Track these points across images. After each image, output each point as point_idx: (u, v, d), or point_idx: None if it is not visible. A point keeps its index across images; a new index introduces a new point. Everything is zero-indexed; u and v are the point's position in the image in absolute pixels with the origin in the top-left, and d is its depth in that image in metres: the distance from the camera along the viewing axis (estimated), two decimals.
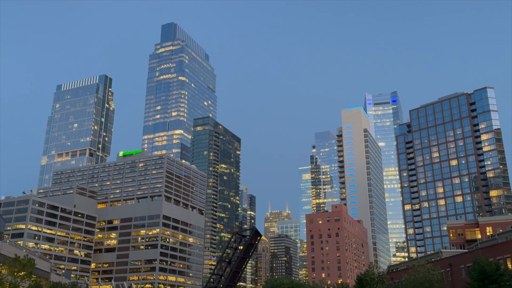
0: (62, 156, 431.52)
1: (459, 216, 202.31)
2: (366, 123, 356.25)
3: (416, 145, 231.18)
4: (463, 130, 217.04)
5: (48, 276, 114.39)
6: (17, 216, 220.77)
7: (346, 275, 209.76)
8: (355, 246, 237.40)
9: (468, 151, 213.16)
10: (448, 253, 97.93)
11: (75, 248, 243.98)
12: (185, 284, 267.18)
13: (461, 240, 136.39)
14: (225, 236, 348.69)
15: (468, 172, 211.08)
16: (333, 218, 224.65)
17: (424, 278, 61.57)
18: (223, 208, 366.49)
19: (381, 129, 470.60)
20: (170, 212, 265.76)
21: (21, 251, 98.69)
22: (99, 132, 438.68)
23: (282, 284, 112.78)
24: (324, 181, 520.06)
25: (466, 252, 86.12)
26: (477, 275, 52.80)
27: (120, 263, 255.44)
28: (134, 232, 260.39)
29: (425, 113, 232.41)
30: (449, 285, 73.34)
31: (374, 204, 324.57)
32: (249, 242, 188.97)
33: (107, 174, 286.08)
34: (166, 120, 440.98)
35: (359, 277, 79.16)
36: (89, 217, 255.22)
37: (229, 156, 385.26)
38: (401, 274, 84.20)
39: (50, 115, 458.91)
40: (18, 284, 72.94)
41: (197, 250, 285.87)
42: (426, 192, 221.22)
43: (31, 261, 78.52)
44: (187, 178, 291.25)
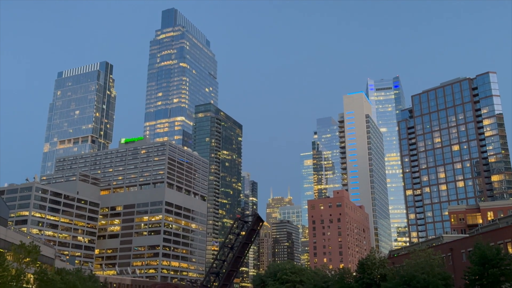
0: (64, 143, 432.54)
1: (461, 201, 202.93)
2: (368, 109, 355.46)
3: (418, 130, 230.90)
4: (465, 115, 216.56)
5: (53, 262, 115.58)
6: (20, 203, 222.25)
7: (348, 260, 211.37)
8: (356, 231, 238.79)
9: (470, 136, 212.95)
10: (449, 238, 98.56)
11: (79, 234, 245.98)
12: (188, 270, 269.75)
13: (462, 225, 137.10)
14: (227, 222, 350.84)
15: (469, 157, 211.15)
16: (334, 204, 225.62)
17: (425, 263, 62.06)
18: (225, 194, 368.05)
19: (383, 115, 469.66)
20: (173, 199, 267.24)
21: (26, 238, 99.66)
22: (101, 119, 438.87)
23: (284, 269, 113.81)
24: (325, 167, 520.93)
25: (467, 236, 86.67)
26: (477, 260, 53.23)
27: (124, 249, 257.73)
28: (137, 219, 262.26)
29: (427, 98, 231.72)
30: (450, 269, 73.98)
31: (375, 189, 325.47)
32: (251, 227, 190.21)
33: (109, 161, 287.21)
34: (167, 106, 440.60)
35: (360, 262, 79.85)
36: (92, 204, 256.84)
37: (230, 142, 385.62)
38: (402, 258, 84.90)
39: (51, 102, 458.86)
40: (24, 270, 73.79)
41: (199, 236, 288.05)
42: (428, 177, 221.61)
43: (36, 247, 79.32)
44: (189, 164, 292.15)
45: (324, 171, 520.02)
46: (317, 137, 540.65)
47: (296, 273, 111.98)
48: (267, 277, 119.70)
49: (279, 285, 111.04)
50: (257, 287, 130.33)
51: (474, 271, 53.48)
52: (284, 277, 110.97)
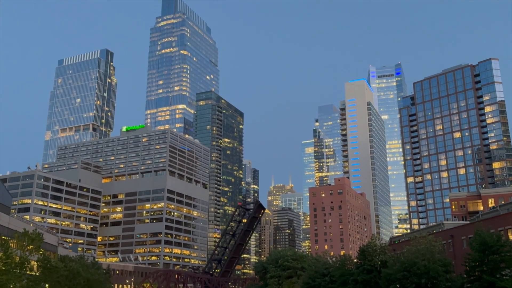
0: (65, 131, 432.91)
1: (462, 188, 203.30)
2: (370, 96, 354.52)
3: (420, 117, 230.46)
4: (467, 102, 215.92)
5: (56, 249, 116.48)
6: (23, 191, 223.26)
7: (349, 247, 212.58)
8: (357, 219, 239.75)
9: (471, 123, 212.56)
10: (450, 225, 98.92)
11: (81, 222, 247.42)
12: (190, 256, 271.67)
13: (463, 212, 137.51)
14: (229, 210, 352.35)
15: (471, 144, 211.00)
16: (336, 191, 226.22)
17: (426, 250, 62.35)
18: (227, 182, 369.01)
19: (384, 102, 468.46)
20: (174, 186, 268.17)
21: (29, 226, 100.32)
22: (102, 107, 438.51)
23: (286, 256, 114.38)
24: (327, 155, 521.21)
25: (468, 223, 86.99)
26: (478, 246, 53.46)
27: (126, 236, 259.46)
28: (139, 206, 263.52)
29: (429, 85, 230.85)
30: (450, 256, 74.40)
31: (376, 177, 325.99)
32: (253, 215, 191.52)
33: (111, 149, 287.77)
34: (168, 94, 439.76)
35: (361, 249, 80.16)
36: (94, 192, 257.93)
37: (232, 130, 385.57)
38: (403, 245, 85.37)
39: (52, 90, 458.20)
40: (27, 258, 74.39)
41: (201, 223, 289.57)
42: (429, 165, 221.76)
43: (40, 235, 79.89)
44: (191, 152, 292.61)
45: (326, 159, 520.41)
46: (319, 125, 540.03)
47: (297, 260, 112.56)
48: (268, 264, 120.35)
49: (280, 271, 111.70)
50: (258, 273, 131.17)
51: (475, 258, 53.74)
52: (285, 264, 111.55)
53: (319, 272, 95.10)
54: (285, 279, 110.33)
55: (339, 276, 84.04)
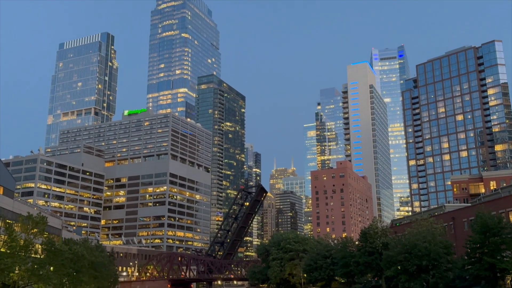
0: (67, 115, 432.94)
1: (464, 171, 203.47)
2: (372, 79, 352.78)
3: (422, 100, 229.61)
4: (470, 85, 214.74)
5: (60, 233, 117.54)
6: (26, 175, 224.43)
7: (351, 229, 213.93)
8: (359, 201, 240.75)
9: (474, 106, 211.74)
10: (451, 207, 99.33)
11: (85, 205, 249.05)
12: (193, 239, 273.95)
13: (465, 195, 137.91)
14: (231, 193, 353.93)
15: (473, 127, 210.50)
16: (338, 175, 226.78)
17: (427, 232, 62.74)
18: (229, 166, 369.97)
19: (387, 85, 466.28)
20: (177, 170, 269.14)
21: (32, 209, 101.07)
22: (103, 91, 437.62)
23: (288, 239, 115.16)
24: (329, 138, 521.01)
25: (469, 206, 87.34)
26: (479, 228, 53.74)
27: (129, 219, 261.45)
28: (142, 190, 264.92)
29: (432, 67, 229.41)
30: (451, 238, 74.85)
31: (378, 160, 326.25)
32: (255, 198, 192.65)
33: (113, 133, 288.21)
34: (170, 78, 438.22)
35: (363, 231, 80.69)
36: (97, 175, 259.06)
37: (234, 114, 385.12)
38: (404, 228, 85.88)
39: (53, 74, 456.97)
40: (32, 241, 75.06)
41: (204, 207, 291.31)
42: (431, 148, 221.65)
43: (44, 218, 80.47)
44: (193, 136, 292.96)
45: (328, 142, 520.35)
46: (321, 108, 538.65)
47: (299, 243, 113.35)
48: (271, 246, 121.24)
49: (282, 254, 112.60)
50: (261, 256, 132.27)
51: (475, 240, 54.08)
52: (287, 246, 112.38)
53: (320, 254, 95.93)
54: (287, 261, 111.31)
55: (340, 258, 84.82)
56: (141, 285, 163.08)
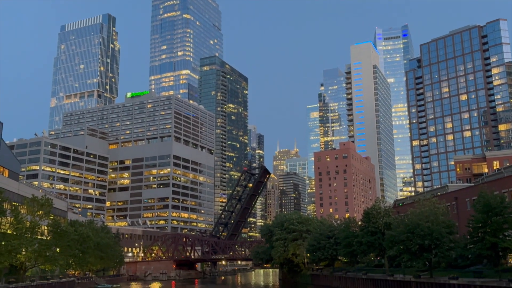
0: (70, 97, 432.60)
1: (467, 151, 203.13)
2: (376, 59, 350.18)
3: (426, 80, 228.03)
4: (474, 64, 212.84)
5: (65, 214, 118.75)
6: (30, 158, 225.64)
7: (354, 209, 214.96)
8: (362, 182, 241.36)
9: (478, 86, 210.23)
10: (454, 187, 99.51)
11: (89, 187, 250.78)
12: (197, 220, 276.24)
13: (468, 174, 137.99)
14: (235, 175, 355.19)
15: (477, 107, 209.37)
16: (341, 156, 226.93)
17: (430, 212, 62.97)
18: (232, 148, 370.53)
19: (390, 65, 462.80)
20: (180, 152, 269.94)
21: (38, 191, 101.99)
22: (106, 73, 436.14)
23: (291, 219, 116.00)
24: (332, 119, 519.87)
25: (472, 185, 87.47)
26: (481, 208, 53.91)
27: (134, 201, 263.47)
28: (146, 172, 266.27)
29: (436, 47, 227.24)
30: (454, 218, 75.19)
31: (382, 140, 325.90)
32: (258, 180, 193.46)
33: (116, 115, 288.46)
34: (172, 60, 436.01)
35: (365, 212, 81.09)
36: (101, 158, 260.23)
37: (236, 95, 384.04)
38: (407, 208, 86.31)
39: (56, 56, 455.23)
40: (38, 223, 75.97)
41: (207, 188, 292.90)
42: (435, 128, 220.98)
43: (49, 200, 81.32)
44: (196, 118, 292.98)
45: (331, 123, 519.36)
46: (324, 89, 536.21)
47: (302, 223, 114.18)
48: (274, 227, 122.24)
49: (286, 234, 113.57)
50: (265, 236, 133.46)
51: (478, 219, 54.31)
52: (291, 227, 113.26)
53: (324, 234, 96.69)
54: (290, 241, 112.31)
55: (343, 238, 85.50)
56: (146, 265, 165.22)
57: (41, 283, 77.37)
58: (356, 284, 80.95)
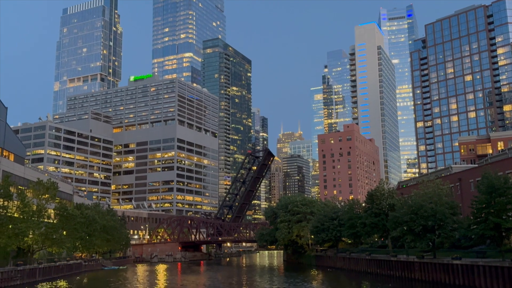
0: (73, 81, 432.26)
1: (472, 132, 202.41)
2: (380, 40, 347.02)
3: (431, 61, 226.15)
4: (479, 44, 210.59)
5: (71, 198, 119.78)
6: (35, 142, 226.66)
7: (357, 191, 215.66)
8: (366, 164, 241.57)
9: (483, 66, 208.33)
10: (458, 168, 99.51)
11: (94, 171, 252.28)
12: (202, 203, 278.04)
13: (472, 156, 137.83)
14: (239, 158, 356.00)
15: (482, 88, 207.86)
16: (344, 138, 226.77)
17: (433, 193, 63.13)
18: (236, 131, 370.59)
19: (395, 46, 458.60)
20: (184, 135, 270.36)
21: (43, 175, 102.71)
22: (109, 57, 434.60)
23: (295, 202, 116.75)
24: (336, 101, 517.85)
25: (476, 167, 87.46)
26: (485, 189, 53.90)
27: (139, 184, 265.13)
28: (151, 155, 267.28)
29: (441, 27, 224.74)
30: (458, 199, 75.41)
31: (386, 122, 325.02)
32: (262, 162, 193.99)
33: (120, 99, 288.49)
34: (175, 42, 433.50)
35: (369, 193, 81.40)
36: (105, 141, 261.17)
37: (240, 78, 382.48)
38: (411, 189, 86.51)
39: (58, 40, 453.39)
40: (44, 206, 76.75)
41: (212, 171, 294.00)
42: (439, 109, 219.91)
43: (54, 184, 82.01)
44: (199, 101, 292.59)
45: (335, 105, 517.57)
46: (328, 71, 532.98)
47: (306, 205, 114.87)
48: (278, 209, 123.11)
49: (290, 216, 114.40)
50: (269, 218, 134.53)
51: (481, 200, 54.37)
52: (295, 209, 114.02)
53: (327, 216, 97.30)
54: (294, 223, 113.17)
55: (347, 220, 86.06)
56: (152, 247, 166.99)
57: (49, 265, 78.51)
58: (360, 264, 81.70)
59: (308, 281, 70.16)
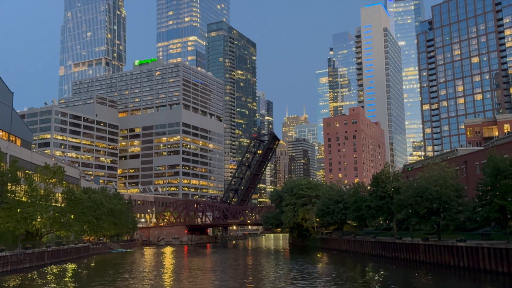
0: (78, 66, 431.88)
1: (478, 114, 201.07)
2: (386, 22, 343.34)
3: (437, 43, 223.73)
4: (486, 26, 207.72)
5: (78, 182, 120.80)
6: (41, 127, 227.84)
7: (363, 175, 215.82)
8: (371, 147, 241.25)
9: (490, 48, 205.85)
10: (464, 151, 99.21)
11: (101, 155, 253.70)
12: (207, 187, 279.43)
13: (478, 138, 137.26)
14: (244, 142, 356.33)
15: (489, 69, 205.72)
16: (350, 121, 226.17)
17: (438, 176, 63.12)
18: (241, 114, 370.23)
19: (401, 27, 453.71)
20: (190, 120, 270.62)
21: (50, 160, 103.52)
22: (113, 41, 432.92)
23: (301, 185, 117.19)
24: (341, 84, 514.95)
25: (481, 149, 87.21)
26: (490, 171, 53.83)
27: (145, 168, 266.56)
28: (156, 140, 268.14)
29: (448, 8, 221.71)
30: (463, 181, 75.37)
31: (392, 105, 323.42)
32: (268, 146, 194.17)
33: (125, 83, 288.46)
34: (179, 26, 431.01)
35: (374, 176, 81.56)
36: (111, 126, 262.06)
37: (244, 62, 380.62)
38: (416, 172, 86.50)
39: (63, 24, 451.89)
40: (52, 190, 77.49)
41: (217, 155, 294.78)
42: (446, 91, 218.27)
43: (61, 168, 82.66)
44: (204, 85, 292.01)
45: (340, 89, 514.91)
46: (333, 54, 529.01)
47: (312, 189, 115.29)
48: (284, 192, 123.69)
49: (295, 199, 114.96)
50: (274, 202, 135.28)
51: (487, 183, 54.36)
52: (300, 192, 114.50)
53: (333, 199, 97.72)
54: (300, 206, 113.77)
55: (352, 203, 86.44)
56: (159, 230, 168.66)
57: (57, 249, 79.63)
58: (364, 247, 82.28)
59: (314, 264, 70.83)
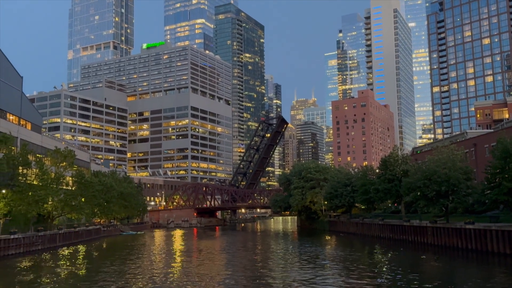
0: (87, 49, 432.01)
1: (489, 96, 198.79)
2: (396, 3, 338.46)
3: (448, 24, 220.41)
4: (498, 6, 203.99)
5: (88, 165, 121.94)
6: (51, 111, 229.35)
7: (371, 158, 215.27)
8: (380, 130, 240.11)
9: (502, 29, 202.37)
10: (473, 134, 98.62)
11: (110, 139, 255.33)
12: (216, 170, 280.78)
13: (488, 121, 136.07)
14: (252, 125, 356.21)
15: (500, 51, 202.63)
16: (359, 104, 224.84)
17: (447, 158, 62.79)
18: (249, 98, 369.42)
19: (412, 8, 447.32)
20: (198, 103, 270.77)
21: (60, 144, 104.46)
22: (121, 24, 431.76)
23: (309, 168, 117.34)
24: (350, 67, 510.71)
25: (491, 132, 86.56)
26: (499, 154, 53.54)
27: (154, 152, 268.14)
28: (165, 123, 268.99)
29: None
30: (472, 164, 75.00)
31: (401, 87, 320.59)
32: (276, 130, 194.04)
33: (133, 67, 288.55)
34: (186, 8, 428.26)
35: (383, 159, 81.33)
36: (120, 110, 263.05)
37: (253, 44, 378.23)
38: (425, 155, 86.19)
39: (70, 8, 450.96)
40: (62, 174, 78.38)
41: (225, 139, 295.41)
42: (456, 73, 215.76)
43: (71, 152, 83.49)
44: (212, 69, 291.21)
45: (349, 71, 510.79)
46: (342, 36, 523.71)
47: (320, 172, 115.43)
48: (292, 176, 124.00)
49: (304, 183, 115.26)
50: (283, 185, 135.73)
51: (495, 165, 54.12)
52: (308, 175, 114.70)
53: (341, 182, 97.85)
54: (308, 189, 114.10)
55: (360, 186, 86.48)
56: (169, 213, 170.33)
57: (68, 231, 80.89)
58: (372, 229, 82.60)
59: (322, 246, 71.33)
